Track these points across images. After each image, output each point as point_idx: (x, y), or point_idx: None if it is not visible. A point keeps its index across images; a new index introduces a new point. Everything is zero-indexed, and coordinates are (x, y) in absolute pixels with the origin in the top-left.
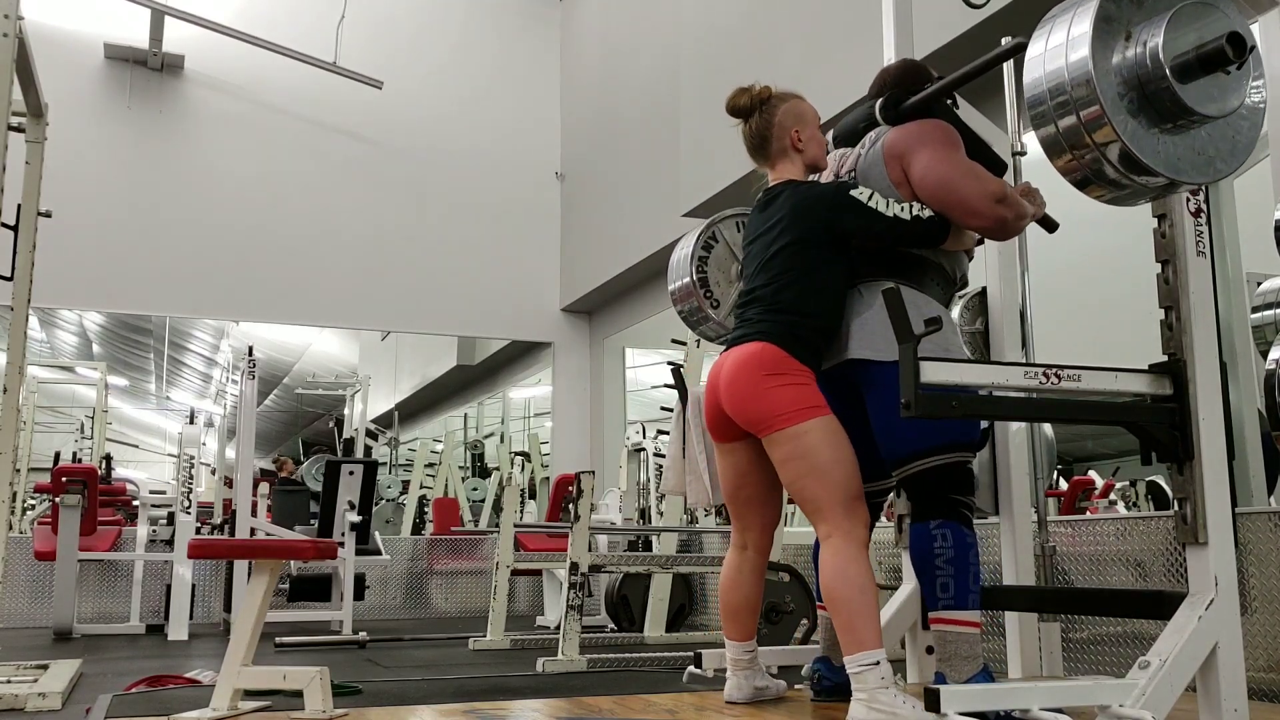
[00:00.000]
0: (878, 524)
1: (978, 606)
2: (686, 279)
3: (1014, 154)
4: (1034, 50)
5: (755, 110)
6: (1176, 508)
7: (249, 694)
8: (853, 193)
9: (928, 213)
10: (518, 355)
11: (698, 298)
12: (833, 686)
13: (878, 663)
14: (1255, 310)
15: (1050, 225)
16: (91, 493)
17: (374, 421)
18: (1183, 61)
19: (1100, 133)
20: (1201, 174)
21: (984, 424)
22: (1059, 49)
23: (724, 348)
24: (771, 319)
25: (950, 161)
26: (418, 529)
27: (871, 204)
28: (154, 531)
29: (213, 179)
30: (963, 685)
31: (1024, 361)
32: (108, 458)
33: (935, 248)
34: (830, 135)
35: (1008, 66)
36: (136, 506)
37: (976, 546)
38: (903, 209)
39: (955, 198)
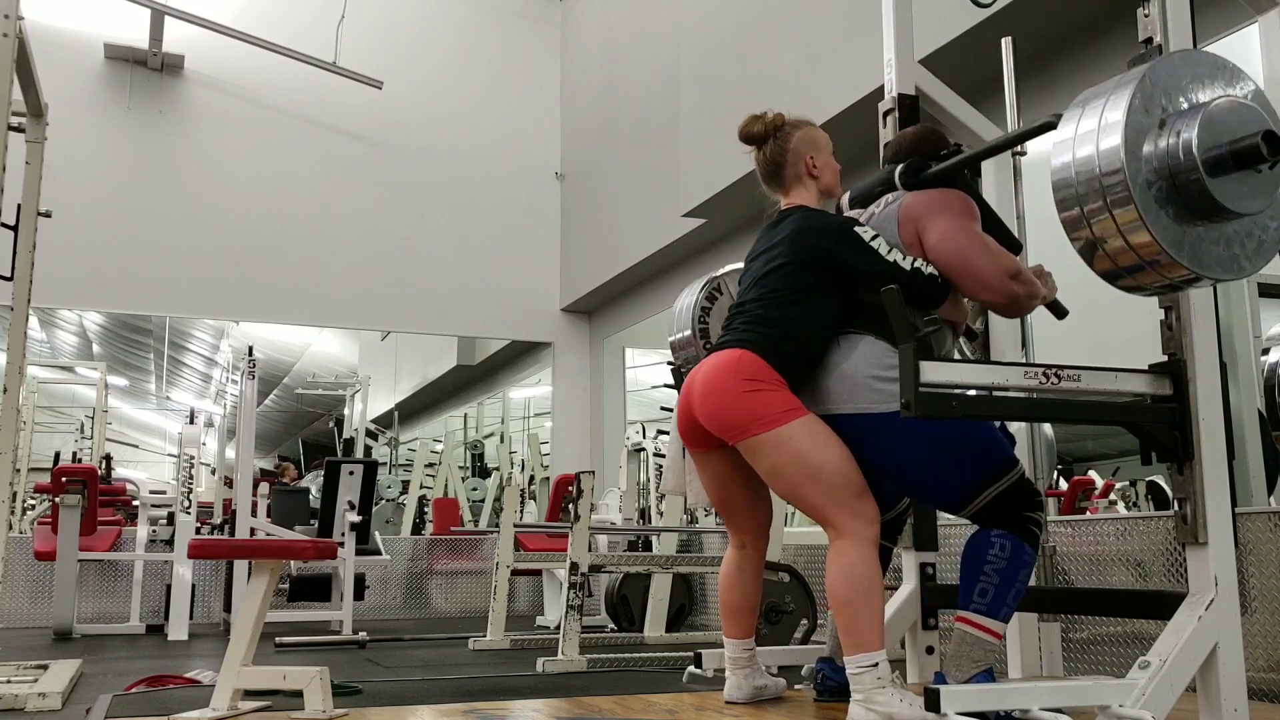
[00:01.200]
0: None
1: (1007, 621)
2: (688, 331)
3: (1014, 154)
4: (1064, 133)
5: (769, 137)
6: (1176, 508)
7: (249, 694)
8: (857, 229)
9: (929, 270)
10: (518, 355)
11: (697, 348)
12: (836, 687)
13: (876, 664)
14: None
15: (1060, 312)
16: (91, 493)
17: (374, 421)
18: (1215, 155)
19: (1127, 222)
20: (1226, 270)
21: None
22: (1090, 134)
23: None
24: (755, 329)
25: (968, 232)
26: (418, 529)
27: (874, 244)
28: (154, 531)
29: (213, 179)
30: (962, 685)
31: (1024, 361)
32: (108, 458)
33: (927, 309)
34: (846, 197)
35: (1008, 68)
36: (136, 506)
37: (1031, 566)
38: (904, 259)
39: (969, 268)
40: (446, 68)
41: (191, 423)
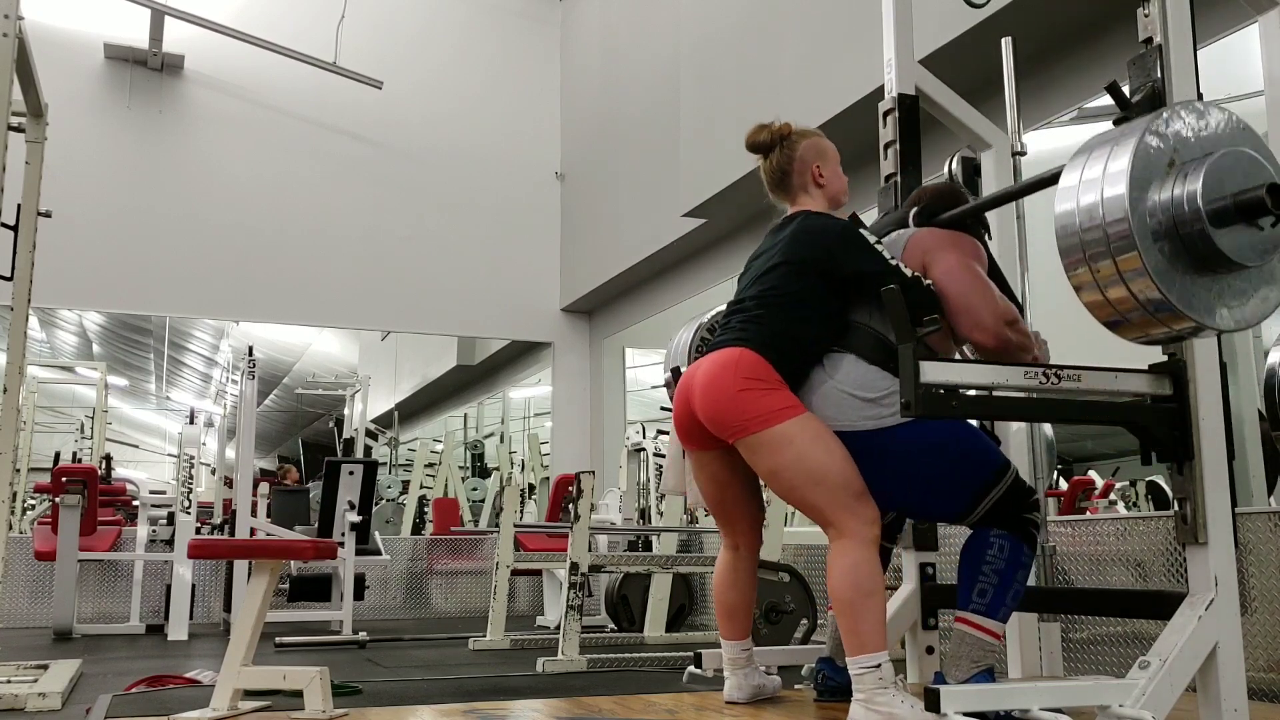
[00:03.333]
0: None
1: (1005, 621)
2: (686, 365)
3: (1014, 154)
4: (1068, 180)
5: (775, 146)
6: (1176, 508)
7: (249, 694)
8: (862, 230)
9: (928, 283)
10: (518, 355)
11: None
12: (836, 687)
13: (879, 665)
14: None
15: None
16: (91, 493)
17: (374, 421)
18: (1219, 207)
19: (1130, 271)
20: (1228, 322)
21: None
22: (1094, 182)
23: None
24: (753, 327)
25: (973, 272)
26: (418, 529)
27: (878, 248)
28: (154, 531)
29: (213, 179)
30: (963, 685)
31: (1024, 361)
32: (108, 458)
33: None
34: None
35: (1008, 68)
36: (136, 506)
37: (1029, 568)
38: (905, 268)
39: (967, 304)
40: (446, 68)
41: (191, 423)
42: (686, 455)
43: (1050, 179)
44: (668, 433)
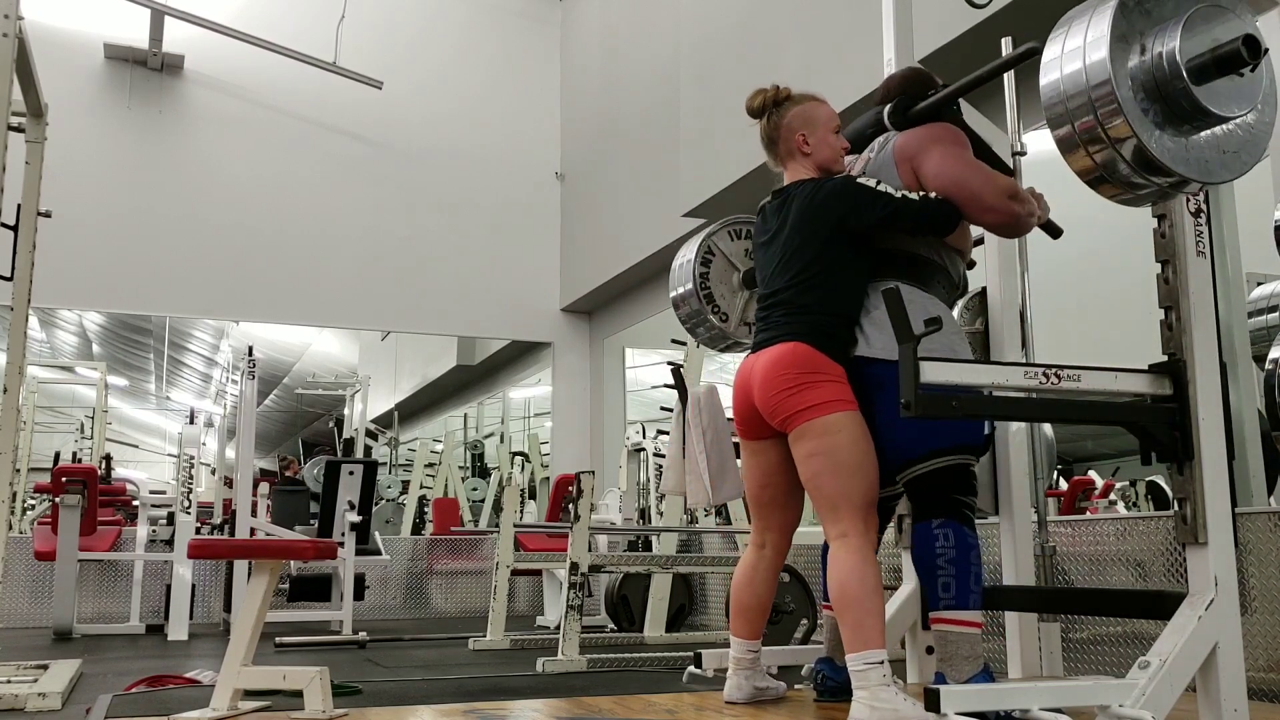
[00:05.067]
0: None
1: (979, 606)
2: (689, 285)
3: (1014, 154)
4: (1051, 53)
5: (766, 111)
6: (1176, 508)
7: (249, 694)
8: (860, 180)
9: (937, 196)
10: (518, 355)
11: (699, 302)
12: (836, 687)
13: (881, 662)
14: (1252, 315)
15: (1054, 231)
16: (91, 493)
17: (374, 421)
18: (1199, 63)
19: (1116, 130)
20: (1214, 173)
21: (987, 428)
22: (1076, 51)
23: (748, 352)
24: (800, 319)
25: (962, 160)
26: (418, 529)
27: (880, 189)
28: (154, 531)
29: (213, 179)
30: (963, 685)
31: (1024, 361)
32: (108, 458)
33: (945, 235)
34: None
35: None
36: (136, 506)
37: (979, 547)
38: (911, 192)
39: (968, 192)
40: (446, 68)
41: (191, 423)
42: (689, 456)
43: (1029, 52)
44: (668, 433)
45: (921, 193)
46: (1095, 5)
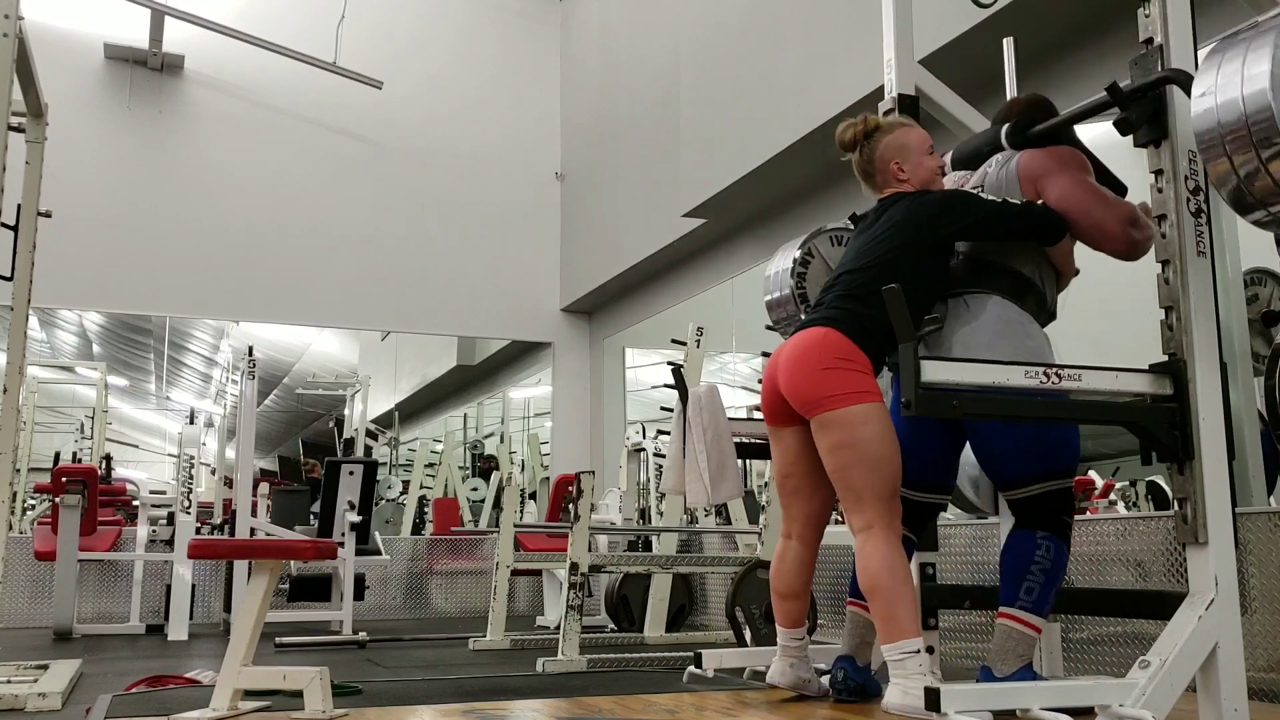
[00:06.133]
0: None
1: (1048, 616)
2: (786, 291)
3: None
4: (1204, 83)
5: (858, 145)
6: (1176, 508)
7: (249, 694)
8: (965, 187)
9: (1041, 204)
10: (518, 355)
11: (795, 306)
12: (856, 686)
13: (918, 651)
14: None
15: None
16: (91, 493)
17: (374, 421)
18: None
19: (1273, 158)
20: None
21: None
22: (1233, 81)
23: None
24: (842, 307)
25: (1086, 186)
26: (418, 529)
27: (983, 196)
28: (154, 531)
29: (212, 179)
30: (963, 685)
31: (1024, 361)
32: (108, 458)
33: (1049, 243)
34: (949, 156)
35: (1008, 68)
36: (136, 506)
37: (1067, 565)
38: (1013, 200)
39: (1091, 221)
40: (446, 68)
41: (191, 423)
42: (689, 455)
43: (1166, 79)
44: (668, 433)
45: (1025, 201)
46: (1251, 38)
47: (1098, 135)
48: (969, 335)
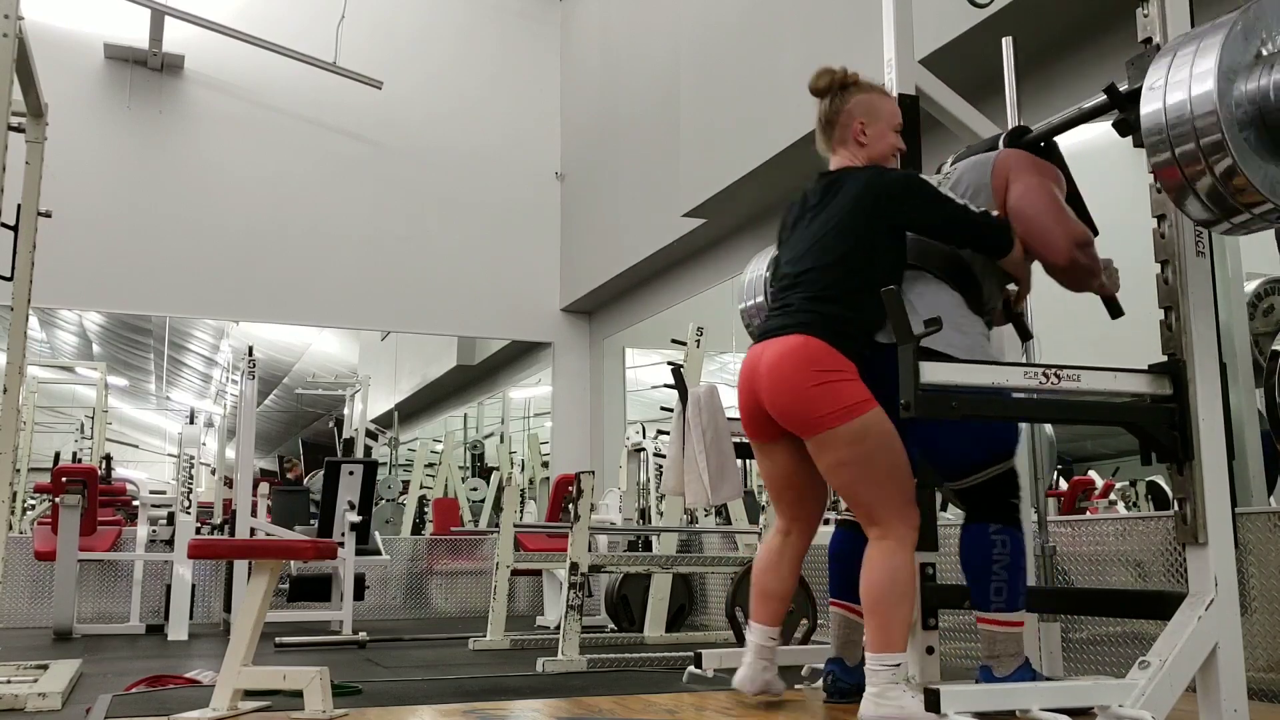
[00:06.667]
0: None
1: (1023, 607)
2: (760, 298)
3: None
4: (1154, 79)
5: (831, 92)
6: (1176, 508)
7: (249, 694)
8: (923, 176)
9: (997, 215)
10: (518, 355)
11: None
12: (847, 688)
13: (899, 665)
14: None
15: (1115, 310)
16: (91, 493)
17: (374, 421)
18: None
19: (1217, 160)
20: None
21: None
22: (1181, 82)
23: (756, 338)
24: (816, 310)
25: (1050, 194)
26: (418, 529)
27: (943, 190)
28: (154, 531)
29: (212, 179)
30: (963, 685)
31: (1024, 361)
32: (108, 458)
33: (995, 257)
34: (950, 160)
35: (1008, 68)
36: (136, 506)
37: (1024, 547)
38: (972, 205)
39: (1042, 224)
40: (446, 68)
41: (191, 423)
42: (688, 455)
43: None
44: (668, 433)
45: (983, 210)
46: (1202, 35)
47: (1097, 135)
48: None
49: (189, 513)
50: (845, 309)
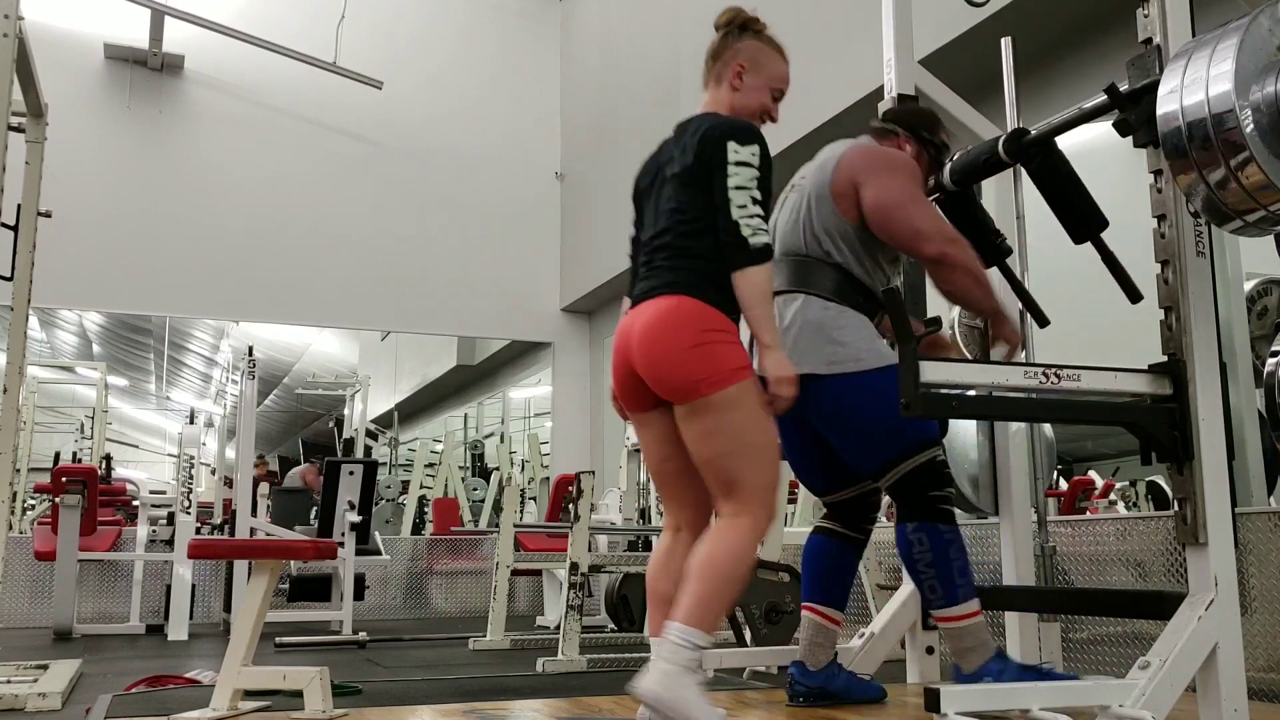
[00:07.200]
0: (877, 524)
1: (972, 597)
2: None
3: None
4: (1170, 83)
5: (730, 28)
6: (1176, 508)
7: (249, 694)
8: (746, 146)
9: (756, 241)
10: (518, 355)
11: None
12: (806, 691)
13: (700, 650)
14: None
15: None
16: (91, 493)
17: (374, 421)
18: None
19: (1240, 164)
20: None
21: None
22: (1198, 82)
23: (629, 304)
24: (683, 265)
25: (909, 190)
26: (418, 529)
27: (737, 167)
28: (154, 531)
29: (213, 179)
30: (963, 685)
31: (1024, 361)
32: (108, 458)
33: (741, 257)
34: (948, 170)
35: (1008, 68)
36: (136, 506)
37: (958, 540)
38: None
39: (904, 215)
40: (446, 68)
41: (191, 423)
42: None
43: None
44: None
45: (753, 223)
46: (1217, 38)
47: (1096, 136)
48: (792, 339)
49: (189, 513)
50: (712, 260)
